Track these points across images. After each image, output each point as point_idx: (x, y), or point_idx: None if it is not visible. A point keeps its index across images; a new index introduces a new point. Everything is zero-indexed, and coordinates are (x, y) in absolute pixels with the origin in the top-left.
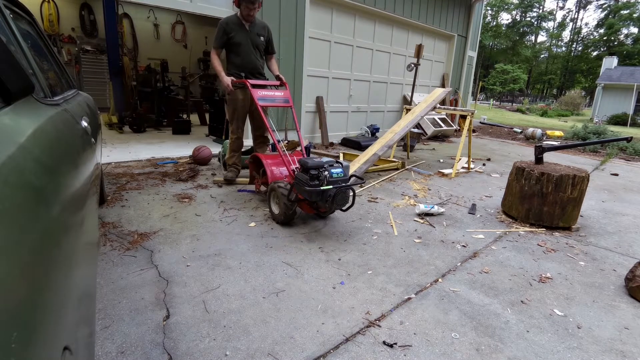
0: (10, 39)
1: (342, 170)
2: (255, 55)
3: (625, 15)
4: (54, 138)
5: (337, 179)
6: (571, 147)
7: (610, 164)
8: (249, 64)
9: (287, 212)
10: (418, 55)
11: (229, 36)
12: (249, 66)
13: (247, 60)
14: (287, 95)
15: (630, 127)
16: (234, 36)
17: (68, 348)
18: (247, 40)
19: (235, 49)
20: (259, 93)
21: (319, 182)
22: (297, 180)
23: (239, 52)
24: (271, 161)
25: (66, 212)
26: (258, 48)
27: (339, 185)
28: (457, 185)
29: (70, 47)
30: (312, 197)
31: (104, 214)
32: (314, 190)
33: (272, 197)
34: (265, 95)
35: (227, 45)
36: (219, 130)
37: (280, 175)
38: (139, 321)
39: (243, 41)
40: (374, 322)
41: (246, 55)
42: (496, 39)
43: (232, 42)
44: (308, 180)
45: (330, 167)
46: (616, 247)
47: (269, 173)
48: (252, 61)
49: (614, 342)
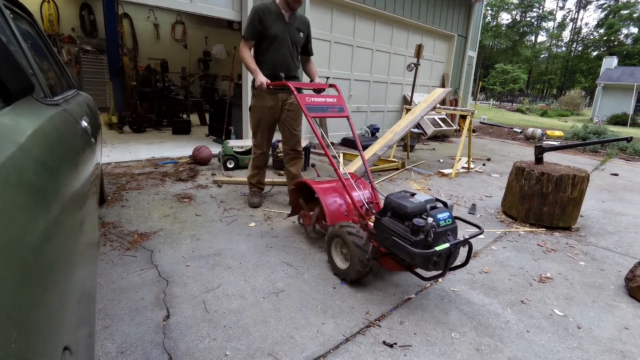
0: (10, 39)
1: (449, 213)
2: (292, 54)
3: (625, 15)
4: (54, 138)
5: (446, 228)
6: (571, 147)
7: (610, 164)
8: (283, 63)
9: (362, 271)
10: (418, 55)
11: (265, 26)
12: (283, 66)
13: (281, 59)
14: (341, 101)
15: (630, 127)
16: (270, 27)
17: (68, 348)
18: (285, 35)
19: (269, 44)
20: (307, 99)
21: (424, 237)
22: (381, 229)
23: (272, 47)
24: (327, 192)
25: (66, 212)
26: (296, 46)
27: (456, 242)
28: (457, 185)
29: (70, 47)
30: (417, 261)
31: (104, 214)
32: (423, 254)
33: (334, 245)
34: (315, 102)
35: (261, 37)
36: (219, 130)
37: (341, 212)
38: (139, 321)
39: (280, 35)
40: (374, 322)
41: (281, 53)
42: (496, 39)
43: (267, 34)
44: (407, 232)
45: (434, 211)
46: (616, 247)
47: (327, 211)
48: (288, 61)
49: (614, 342)
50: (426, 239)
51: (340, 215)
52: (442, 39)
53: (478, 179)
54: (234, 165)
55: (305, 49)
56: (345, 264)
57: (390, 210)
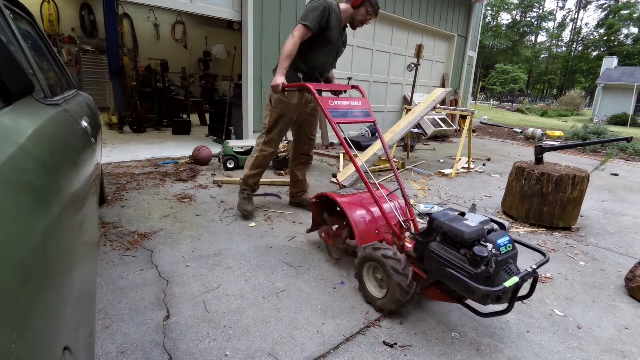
0: (10, 39)
1: (508, 237)
2: (332, 63)
3: (625, 15)
4: (54, 138)
5: (507, 256)
6: (571, 147)
7: (610, 164)
8: (322, 69)
9: (403, 300)
10: (418, 55)
11: (328, 26)
12: (321, 72)
13: (324, 64)
14: (366, 104)
15: (630, 127)
16: (331, 29)
17: (68, 348)
18: (336, 43)
19: (321, 45)
20: (330, 103)
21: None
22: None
23: (323, 49)
24: (355, 207)
25: (66, 212)
26: (337, 56)
27: (524, 274)
28: (457, 185)
29: (70, 47)
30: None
31: (104, 214)
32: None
33: (366, 270)
34: (339, 106)
35: (318, 34)
36: (219, 130)
37: (372, 231)
38: (139, 321)
39: (334, 41)
40: (374, 322)
41: (326, 59)
42: (496, 39)
43: (325, 34)
44: (464, 263)
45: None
46: (616, 247)
47: (356, 230)
48: (326, 67)
49: (614, 342)
50: (487, 271)
51: (371, 234)
52: (442, 39)
53: (478, 179)
54: (234, 165)
55: None
56: (380, 292)
57: (440, 235)
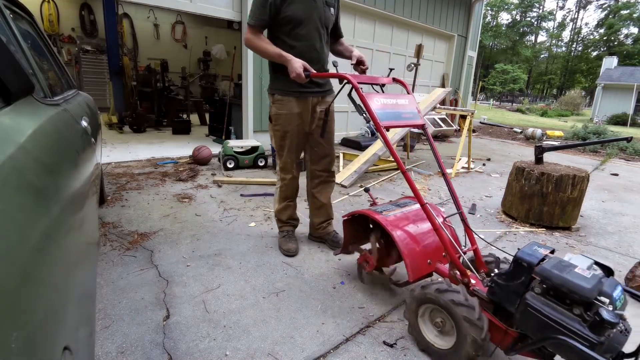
0: (10, 39)
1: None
2: (322, 40)
3: (625, 15)
4: (54, 138)
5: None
6: (571, 147)
7: (610, 164)
8: (312, 54)
9: (476, 355)
10: (418, 55)
11: (280, 4)
12: (312, 59)
13: (309, 48)
14: (413, 104)
15: (630, 127)
16: (291, 5)
17: (68, 348)
18: (310, 14)
19: (290, 30)
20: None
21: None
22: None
23: (295, 34)
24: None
25: (66, 212)
26: (326, 28)
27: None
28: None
29: (70, 47)
30: None
31: (104, 214)
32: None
33: (423, 313)
34: (387, 105)
35: (276, 22)
36: (219, 130)
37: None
38: (139, 321)
39: (304, 15)
40: (374, 322)
41: (310, 41)
42: (496, 39)
43: (286, 15)
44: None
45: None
46: (616, 247)
47: (408, 263)
48: (317, 51)
49: None
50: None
51: (423, 265)
52: (442, 39)
53: (478, 179)
54: (234, 165)
55: (335, 29)
56: (443, 341)
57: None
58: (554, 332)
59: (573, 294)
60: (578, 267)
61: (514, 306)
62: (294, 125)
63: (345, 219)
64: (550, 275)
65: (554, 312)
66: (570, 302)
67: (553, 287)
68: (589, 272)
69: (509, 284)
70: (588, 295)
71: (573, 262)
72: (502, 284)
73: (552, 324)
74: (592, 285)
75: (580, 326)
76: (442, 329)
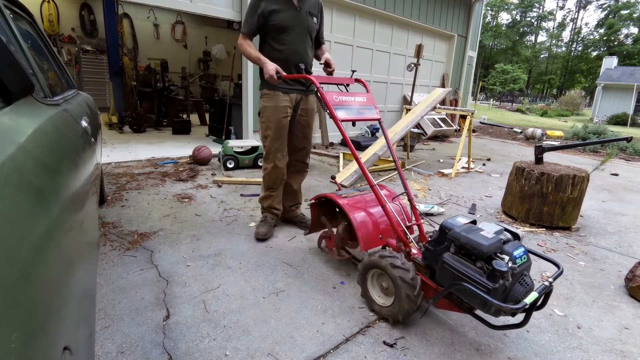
0: (10, 39)
1: (523, 248)
2: (306, 45)
3: (625, 15)
4: (54, 138)
5: (522, 268)
6: (571, 147)
7: (610, 164)
8: (297, 57)
9: (411, 310)
10: (418, 55)
11: (269, 14)
12: (297, 61)
13: (295, 54)
14: (371, 101)
15: (630, 127)
16: (275, 14)
17: (68, 348)
18: (296, 22)
19: (277, 36)
20: (334, 98)
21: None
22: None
23: (282, 41)
24: (358, 210)
25: (66, 212)
26: (310, 34)
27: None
28: (457, 185)
29: (70, 47)
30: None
31: (104, 214)
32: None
33: (370, 277)
34: (345, 102)
35: (265, 29)
36: (219, 130)
37: (376, 236)
38: (139, 321)
39: (291, 23)
40: (374, 322)
41: (294, 47)
42: (496, 39)
43: (274, 24)
44: (481, 277)
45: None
46: (616, 247)
47: (360, 235)
48: (301, 54)
49: (614, 342)
50: (504, 285)
51: (374, 239)
52: (442, 39)
53: (478, 179)
54: (234, 165)
55: (317, 36)
56: (386, 300)
57: (455, 246)
58: (460, 281)
59: (474, 250)
60: (484, 230)
61: (437, 266)
62: (278, 117)
63: (312, 202)
64: (458, 236)
65: (462, 266)
66: (475, 258)
67: (461, 245)
68: (492, 234)
69: (435, 248)
70: (485, 250)
71: (482, 227)
72: (431, 249)
73: (460, 275)
74: (489, 243)
75: (480, 276)
76: (385, 291)
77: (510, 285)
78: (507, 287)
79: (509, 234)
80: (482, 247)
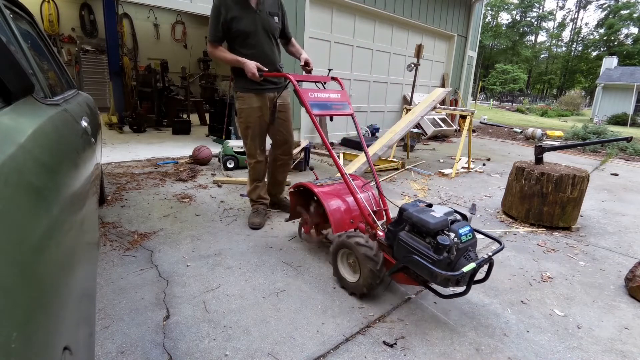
0: (10, 39)
1: (469, 227)
2: (271, 45)
3: (625, 15)
4: (54, 138)
5: (467, 244)
6: (571, 147)
7: (610, 164)
8: (265, 59)
9: (374, 284)
10: (418, 55)
11: (230, 22)
12: (265, 62)
13: (262, 54)
14: (345, 97)
15: (630, 127)
16: (236, 21)
17: (68, 348)
18: (256, 26)
19: (241, 42)
20: (310, 95)
21: (448, 255)
22: (399, 245)
23: (246, 46)
24: (331, 197)
25: (66, 212)
26: (273, 35)
27: (481, 261)
28: (457, 185)
29: (70, 47)
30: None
31: (104, 214)
32: (449, 276)
33: (340, 257)
34: (319, 98)
35: (230, 35)
36: (219, 130)
37: (346, 220)
38: (139, 321)
39: (251, 28)
40: (374, 322)
41: (260, 48)
42: (496, 39)
43: (236, 30)
44: (429, 250)
45: (455, 225)
46: (616, 247)
47: (332, 220)
48: (268, 55)
49: (614, 342)
50: (449, 257)
51: (345, 223)
52: (442, 39)
53: (478, 179)
54: (234, 165)
55: (283, 33)
56: (353, 277)
57: (408, 225)
58: (411, 254)
59: (423, 227)
60: (434, 211)
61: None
62: (254, 117)
63: (291, 191)
64: (411, 216)
65: (414, 242)
66: (425, 235)
67: (413, 224)
68: (440, 214)
69: (395, 228)
70: (432, 227)
71: (433, 209)
72: (391, 229)
73: (411, 249)
74: (436, 221)
75: (428, 249)
76: (353, 268)
77: (455, 259)
78: (452, 260)
79: (458, 215)
80: (429, 224)
